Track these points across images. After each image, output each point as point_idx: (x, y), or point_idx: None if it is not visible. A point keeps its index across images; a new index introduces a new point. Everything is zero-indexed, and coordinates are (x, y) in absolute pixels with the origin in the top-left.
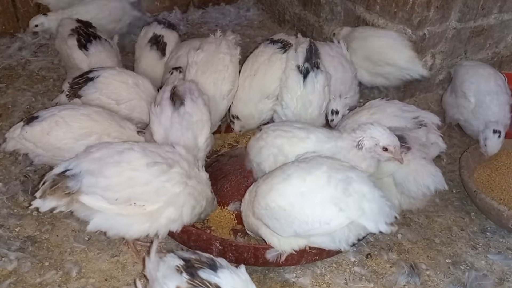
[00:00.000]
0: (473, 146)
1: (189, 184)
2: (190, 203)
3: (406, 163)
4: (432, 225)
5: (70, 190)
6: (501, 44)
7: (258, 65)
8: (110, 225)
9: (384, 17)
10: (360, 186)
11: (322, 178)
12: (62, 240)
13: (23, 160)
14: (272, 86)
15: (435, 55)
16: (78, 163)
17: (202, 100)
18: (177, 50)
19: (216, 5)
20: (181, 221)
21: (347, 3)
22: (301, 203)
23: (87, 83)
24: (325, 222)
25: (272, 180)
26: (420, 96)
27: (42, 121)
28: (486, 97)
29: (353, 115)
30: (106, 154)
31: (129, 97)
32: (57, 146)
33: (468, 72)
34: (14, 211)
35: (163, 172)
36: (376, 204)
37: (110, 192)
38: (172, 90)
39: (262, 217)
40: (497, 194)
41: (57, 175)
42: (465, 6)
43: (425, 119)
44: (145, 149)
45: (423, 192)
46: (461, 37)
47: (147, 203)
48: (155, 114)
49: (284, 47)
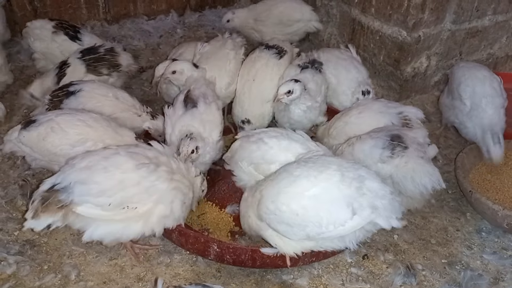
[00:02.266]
0: (469, 147)
1: (175, 178)
2: (178, 198)
3: (404, 162)
4: (428, 226)
5: (63, 203)
6: (496, 45)
7: (255, 70)
8: (106, 233)
9: (379, 19)
10: (372, 183)
11: (334, 177)
12: (61, 244)
13: (21, 164)
14: (272, 92)
15: (430, 56)
16: (65, 176)
17: (216, 105)
18: (178, 48)
19: (212, 8)
20: (173, 216)
21: (343, 5)
22: (315, 206)
23: (69, 96)
24: (340, 224)
25: (279, 182)
26: (416, 98)
27: (38, 126)
28: (481, 100)
29: (343, 115)
30: (93, 162)
31: (112, 110)
32: (53, 152)
33: (464, 74)
34: (13, 215)
35: (152, 171)
36: (388, 201)
37: (102, 197)
38: (187, 94)
39: (270, 221)
40: (492, 194)
41: (46, 191)
42: (459, 8)
43: (409, 114)
44: (129, 152)
45: (420, 191)
46: (456, 38)
47: (139, 205)
48: (168, 115)
49: (279, 53)
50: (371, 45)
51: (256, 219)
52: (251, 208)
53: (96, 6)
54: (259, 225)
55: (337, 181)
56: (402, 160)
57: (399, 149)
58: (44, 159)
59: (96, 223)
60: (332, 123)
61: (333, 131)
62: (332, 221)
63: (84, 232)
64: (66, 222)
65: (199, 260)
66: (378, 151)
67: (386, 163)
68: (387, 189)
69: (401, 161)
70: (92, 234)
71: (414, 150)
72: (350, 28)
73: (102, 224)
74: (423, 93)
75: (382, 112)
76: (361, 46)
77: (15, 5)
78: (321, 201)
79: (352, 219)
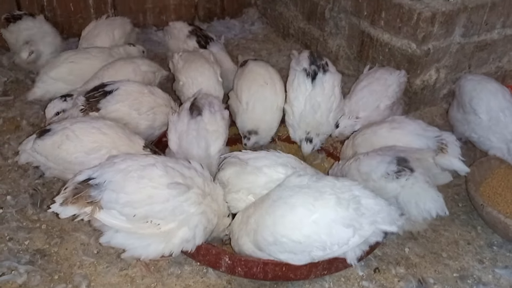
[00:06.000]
0: (479, 160)
1: (204, 203)
2: (202, 223)
3: (410, 184)
4: (439, 239)
5: (93, 199)
6: (505, 58)
7: (268, 74)
8: (125, 243)
9: (388, 32)
10: (368, 201)
11: (331, 201)
12: (71, 253)
13: (32, 173)
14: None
15: (439, 69)
16: (102, 173)
17: (221, 114)
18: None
19: (221, 19)
20: (194, 241)
21: (352, 18)
22: (317, 231)
23: (105, 96)
24: (344, 243)
25: (275, 212)
26: (425, 110)
27: (53, 134)
28: (499, 113)
29: (373, 125)
30: (131, 167)
31: (150, 105)
32: (68, 160)
33: (475, 88)
34: (23, 224)
35: (182, 192)
36: (386, 213)
37: (129, 208)
38: (193, 101)
39: (271, 252)
40: (503, 207)
41: (80, 183)
42: (468, 21)
43: (447, 138)
44: (166, 166)
45: (424, 217)
46: (465, 51)
47: (162, 222)
48: (172, 121)
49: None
50: (380, 57)
51: (254, 247)
52: (247, 236)
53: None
54: (257, 253)
55: (334, 205)
56: (408, 182)
57: (405, 172)
58: (59, 167)
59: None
60: (359, 132)
61: (358, 138)
62: (335, 242)
63: (104, 233)
64: (91, 218)
65: (210, 271)
66: (384, 166)
67: (392, 181)
68: (382, 202)
69: (406, 183)
70: (112, 238)
71: (420, 174)
72: (359, 40)
73: (124, 235)
74: (432, 105)
75: (419, 134)
76: (370, 58)
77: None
78: (321, 225)
79: (354, 237)
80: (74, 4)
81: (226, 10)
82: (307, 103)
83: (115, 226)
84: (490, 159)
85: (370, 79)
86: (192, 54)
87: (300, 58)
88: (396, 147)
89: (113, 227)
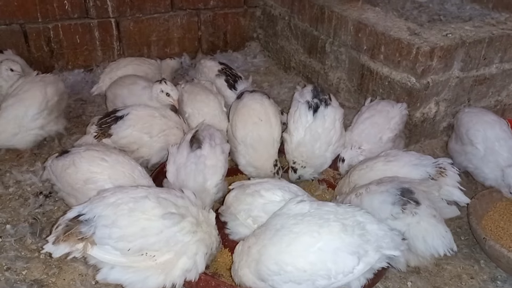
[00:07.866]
0: (480, 193)
1: (199, 231)
2: (202, 250)
3: (416, 221)
4: (442, 273)
5: (84, 235)
6: (503, 92)
7: (263, 110)
8: (122, 278)
9: (388, 66)
10: (372, 226)
11: (335, 228)
12: (69, 284)
13: (32, 202)
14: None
15: (439, 102)
16: (91, 208)
17: (221, 148)
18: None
19: (224, 52)
20: (196, 270)
21: (352, 51)
22: (322, 259)
23: (117, 122)
24: (349, 271)
25: (280, 241)
26: (425, 142)
27: (67, 157)
28: (494, 144)
29: (368, 161)
30: (121, 200)
31: (161, 128)
32: (71, 185)
33: (472, 120)
34: (22, 253)
35: (176, 223)
36: (390, 238)
37: (123, 242)
38: (194, 134)
39: (274, 283)
40: (506, 241)
41: (70, 220)
42: (467, 56)
43: (444, 162)
44: (158, 197)
45: (431, 253)
46: (464, 85)
47: (157, 253)
48: (171, 153)
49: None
50: (380, 90)
51: (255, 278)
52: (247, 267)
53: (111, 48)
54: (258, 285)
55: (338, 232)
56: (414, 219)
57: (411, 206)
58: (64, 190)
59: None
60: (354, 169)
61: (355, 175)
62: (340, 271)
63: (100, 270)
64: (84, 254)
65: None
66: (388, 207)
67: (398, 220)
68: (386, 227)
69: (413, 220)
70: (108, 274)
71: (426, 207)
72: (359, 73)
73: (121, 270)
74: (432, 138)
75: (416, 164)
76: (370, 91)
77: (33, 46)
78: (326, 253)
79: (359, 265)
80: (80, 36)
81: (229, 44)
82: (307, 133)
83: (109, 261)
84: (492, 192)
85: (372, 111)
86: (195, 86)
87: (304, 91)
88: (399, 178)
89: (108, 262)
